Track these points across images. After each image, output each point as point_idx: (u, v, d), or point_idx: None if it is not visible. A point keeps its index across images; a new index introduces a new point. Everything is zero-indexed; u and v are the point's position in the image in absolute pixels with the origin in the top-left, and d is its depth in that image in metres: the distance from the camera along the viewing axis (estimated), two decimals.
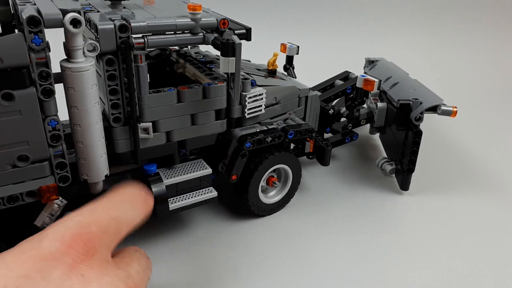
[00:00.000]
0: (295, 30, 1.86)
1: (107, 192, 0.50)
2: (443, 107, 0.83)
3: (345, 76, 1.12)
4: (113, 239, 0.44)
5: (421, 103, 0.84)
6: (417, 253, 0.75)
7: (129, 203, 0.49)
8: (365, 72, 1.20)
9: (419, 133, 0.83)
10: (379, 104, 0.93)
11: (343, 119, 0.98)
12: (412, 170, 0.87)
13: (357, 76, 1.06)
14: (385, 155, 1.00)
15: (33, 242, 0.39)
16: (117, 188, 0.51)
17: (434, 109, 0.84)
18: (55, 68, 0.53)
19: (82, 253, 0.39)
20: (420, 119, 0.83)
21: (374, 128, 1.00)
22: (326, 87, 1.06)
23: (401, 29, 1.95)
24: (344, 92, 1.03)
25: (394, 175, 0.95)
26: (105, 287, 0.39)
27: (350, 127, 0.99)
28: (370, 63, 1.20)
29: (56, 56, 0.57)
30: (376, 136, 1.15)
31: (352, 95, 1.01)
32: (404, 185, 0.90)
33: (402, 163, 0.88)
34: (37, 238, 0.40)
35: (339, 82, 1.08)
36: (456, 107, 0.83)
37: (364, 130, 1.19)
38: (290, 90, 0.82)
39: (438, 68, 1.70)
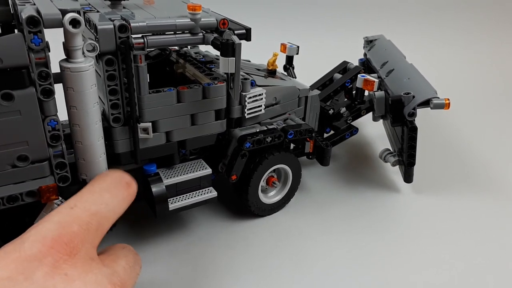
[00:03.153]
0: (295, 30, 1.86)
1: (88, 182, 0.49)
2: (435, 101, 0.81)
3: (344, 68, 1.10)
4: (96, 235, 0.44)
5: (413, 97, 0.82)
6: (418, 252, 0.75)
7: (109, 193, 0.48)
8: (365, 53, 1.19)
9: (414, 129, 0.82)
10: (377, 93, 0.91)
11: (343, 110, 0.96)
12: (413, 164, 0.86)
13: (355, 66, 1.06)
14: (388, 146, 0.99)
15: (15, 245, 0.39)
16: (97, 178, 0.50)
17: (426, 103, 0.82)
18: (55, 68, 0.53)
19: (64, 253, 0.39)
20: (413, 114, 0.82)
21: (376, 116, 0.99)
22: (325, 83, 1.05)
23: (400, 28, 1.95)
24: (343, 86, 1.02)
25: (397, 167, 0.94)
26: (89, 285, 0.39)
27: (351, 120, 0.98)
28: (369, 43, 1.18)
29: (56, 56, 0.57)
30: (376, 135, 1.15)
31: (351, 86, 1.00)
32: (408, 178, 0.89)
33: (403, 156, 0.87)
34: (19, 240, 0.40)
35: (338, 75, 1.07)
36: (448, 99, 0.80)
37: (364, 129, 1.19)
38: (290, 90, 0.82)
39: (437, 67, 1.69)
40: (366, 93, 1.04)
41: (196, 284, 0.67)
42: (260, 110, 0.74)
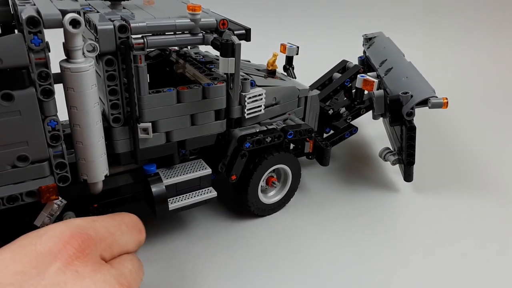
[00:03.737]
0: (295, 30, 1.86)
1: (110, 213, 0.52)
2: (433, 100, 0.80)
3: (343, 67, 1.10)
4: (107, 250, 0.46)
5: (411, 96, 0.82)
6: (417, 252, 0.75)
7: (126, 227, 0.51)
8: (364, 51, 1.19)
9: (413, 128, 0.82)
10: (376, 92, 0.90)
11: (342, 110, 0.97)
12: (412, 163, 0.86)
13: (355, 65, 1.06)
14: (388, 145, 0.99)
15: (32, 238, 0.40)
16: (118, 213, 0.53)
17: (425, 102, 0.82)
18: (55, 68, 0.53)
19: (78, 249, 0.41)
20: (411, 114, 0.82)
21: (376, 114, 0.99)
22: (324, 82, 1.05)
23: (400, 28, 1.95)
24: (342, 85, 1.02)
25: (398, 165, 0.94)
26: (98, 284, 0.40)
27: (350, 119, 0.98)
28: (368, 40, 1.19)
29: (56, 56, 0.57)
30: (376, 135, 1.15)
31: (350, 84, 1.00)
32: (407, 177, 0.89)
33: (402, 155, 0.87)
34: (36, 234, 0.41)
35: (337, 75, 1.07)
36: (446, 98, 0.80)
37: (363, 129, 1.19)
38: (289, 90, 0.82)
39: (436, 67, 1.69)
40: (366, 92, 1.04)
41: (196, 283, 0.67)
42: (260, 110, 0.74)
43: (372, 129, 1.19)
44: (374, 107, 0.93)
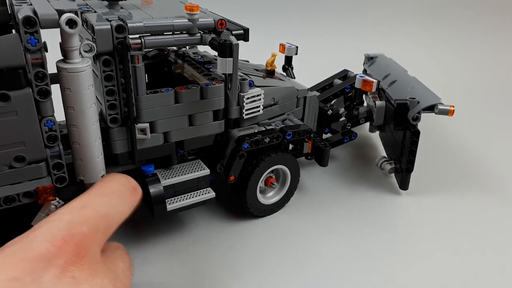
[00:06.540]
0: (294, 30, 1.86)
1: (95, 184, 0.49)
2: (440, 107, 0.82)
3: (344, 75, 1.11)
4: (103, 237, 0.44)
5: (418, 103, 0.84)
6: (417, 253, 0.75)
7: (117, 196, 0.48)
8: (364, 69, 1.19)
9: (417, 133, 0.83)
10: (378, 103, 0.92)
11: (342, 119, 0.97)
12: (411, 170, 0.87)
13: (355, 75, 1.06)
14: (385, 154, 0.99)
15: (22, 244, 0.38)
16: (106, 179, 0.50)
17: (431, 108, 0.83)
18: (52, 68, 0.53)
19: (73, 254, 0.39)
20: (417, 118, 0.83)
21: (374, 126, 1.00)
22: (324, 86, 1.06)
23: (400, 28, 1.95)
24: (343, 91, 1.03)
25: (393, 174, 0.94)
26: None
27: (349, 127, 0.98)
28: (369, 59, 1.19)
29: (53, 56, 0.57)
30: (375, 136, 1.15)
31: (350, 94, 1.00)
32: (404, 185, 0.90)
33: (401, 162, 0.87)
34: (26, 239, 0.39)
35: (338, 81, 1.08)
36: (453, 106, 0.82)
37: (363, 130, 1.18)
38: (288, 90, 0.82)
39: (437, 68, 1.69)
40: (365, 103, 1.05)
41: (195, 284, 0.67)
42: (259, 111, 0.74)
43: None
44: (374, 118, 0.94)
